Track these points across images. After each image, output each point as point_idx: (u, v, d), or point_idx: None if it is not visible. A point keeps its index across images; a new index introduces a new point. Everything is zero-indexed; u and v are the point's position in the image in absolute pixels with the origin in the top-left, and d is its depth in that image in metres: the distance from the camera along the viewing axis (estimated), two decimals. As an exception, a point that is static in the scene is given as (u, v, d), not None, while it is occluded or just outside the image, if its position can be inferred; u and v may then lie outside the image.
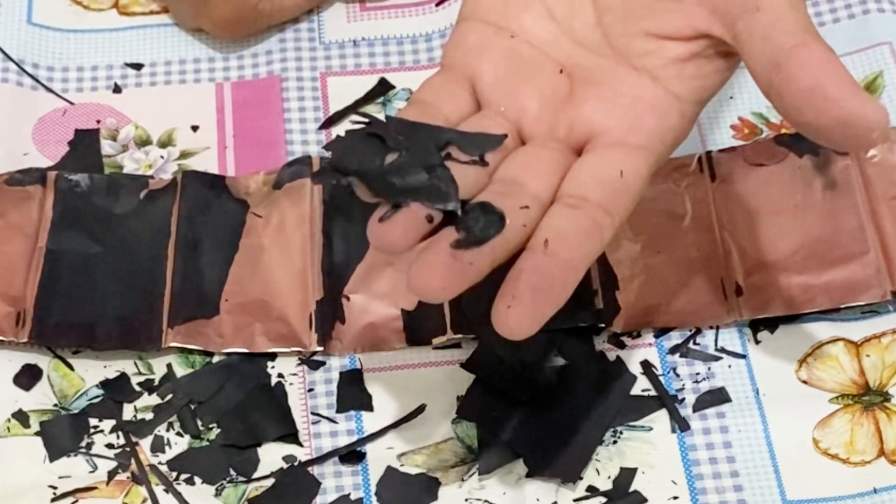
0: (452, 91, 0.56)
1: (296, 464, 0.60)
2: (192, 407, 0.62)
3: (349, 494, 0.59)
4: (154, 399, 0.62)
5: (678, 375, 0.62)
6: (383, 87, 0.72)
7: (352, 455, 0.61)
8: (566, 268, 0.51)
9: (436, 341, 0.63)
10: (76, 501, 0.59)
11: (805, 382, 0.62)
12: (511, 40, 0.57)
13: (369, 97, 0.71)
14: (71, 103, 0.72)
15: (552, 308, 0.51)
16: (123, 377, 0.63)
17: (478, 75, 0.56)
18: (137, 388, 0.63)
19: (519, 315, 0.50)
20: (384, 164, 0.52)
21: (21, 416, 0.62)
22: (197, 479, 0.60)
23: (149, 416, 0.62)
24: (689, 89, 0.55)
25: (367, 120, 0.51)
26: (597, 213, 0.52)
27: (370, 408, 0.62)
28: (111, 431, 0.61)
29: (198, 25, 0.73)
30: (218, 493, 0.60)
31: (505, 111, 0.55)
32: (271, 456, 0.61)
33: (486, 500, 0.59)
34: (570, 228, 0.52)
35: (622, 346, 0.63)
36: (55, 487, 0.59)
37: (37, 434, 0.61)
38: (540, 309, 0.50)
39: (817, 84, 0.50)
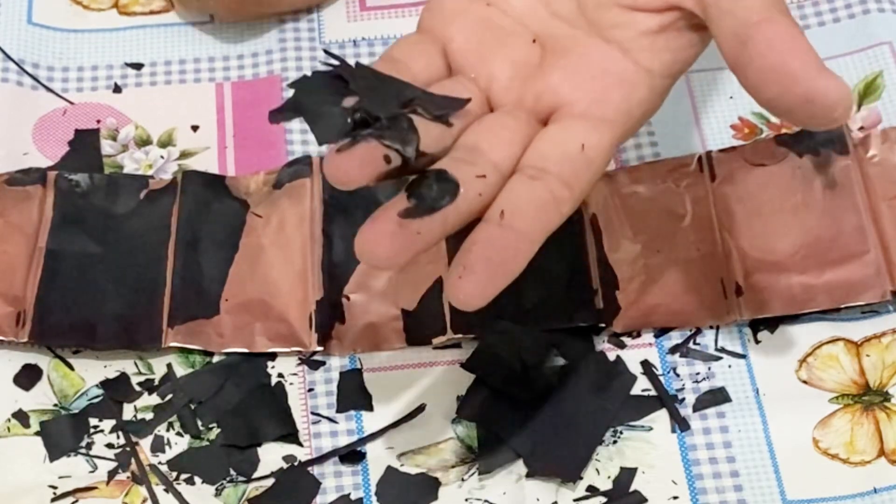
0: (424, 52, 0.56)
1: (296, 464, 0.60)
2: (192, 407, 0.62)
3: (349, 494, 0.59)
4: (154, 399, 0.62)
5: (678, 375, 0.62)
6: (383, 87, 0.72)
7: (352, 455, 0.61)
8: (521, 240, 0.51)
9: (436, 341, 0.63)
10: (76, 501, 0.59)
11: (805, 382, 0.62)
12: (487, 8, 0.57)
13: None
14: (71, 103, 0.72)
15: (504, 280, 0.50)
16: (123, 377, 0.63)
17: (451, 40, 0.56)
18: (137, 388, 0.63)
19: (470, 286, 0.50)
20: (342, 106, 0.51)
21: (21, 416, 0.62)
22: (197, 479, 0.60)
23: (149, 416, 0.62)
24: (659, 63, 0.55)
25: (335, 62, 0.51)
26: (556, 186, 0.52)
27: (370, 408, 0.62)
28: (111, 431, 0.61)
29: (203, 7, 0.73)
30: (218, 493, 0.60)
31: (476, 78, 0.55)
32: (271, 456, 0.61)
33: (486, 500, 0.59)
34: (528, 201, 0.51)
35: (622, 346, 0.63)
36: (55, 487, 0.60)
37: (37, 434, 0.61)
38: (492, 281, 0.50)
39: (781, 61, 0.50)
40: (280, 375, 0.63)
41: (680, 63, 0.55)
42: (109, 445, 0.61)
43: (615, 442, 0.60)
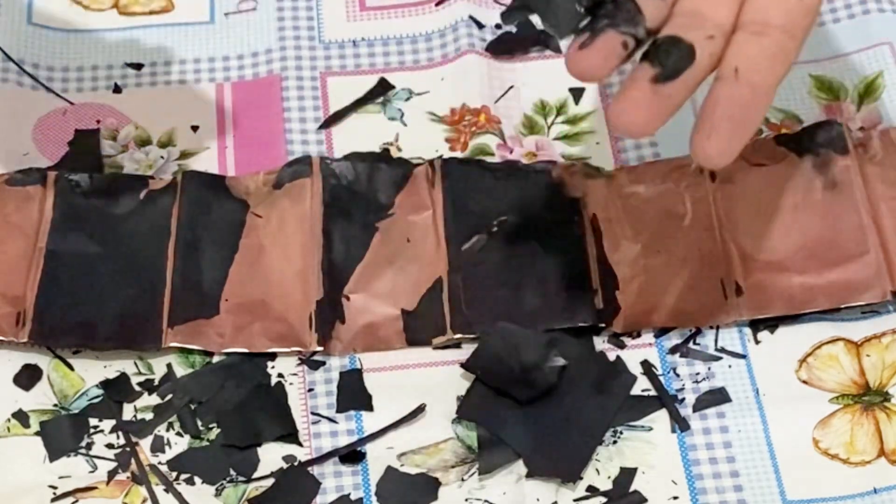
0: None
1: (296, 464, 0.60)
2: (192, 407, 0.62)
3: (349, 494, 0.59)
4: (154, 399, 0.62)
5: (678, 375, 0.62)
6: (383, 87, 0.72)
7: (352, 455, 0.61)
8: (759, 94, 0.54)
9: (436, 341, 0.63)
10: (76, 501, 0.59)
11: (805, 382, 0.62)
12: None
13: (369, 97, 0.71)
14: (71, 103, 0.72)
15: (748, 134, 0.54)
16: (123, 377, 0.63)
17: None
18: (137, 388, 0.63)
19: (719, 144, 0.53)
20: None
21: (21, 416, 0.62)
22: (197, 479, 0.60)
23: (149, 416, 0.62)
24: None
25: None
26: (781, 37, 0.55)
27: (370, 408, 0.62)
28: (111, 431, 0.61)
29: None
30: (218, 493, 0.60)
31: None
32: (271, 456, 0.61)
33: (486, 500, 0.59)
34: (759, 54, 0.54)
35: (622, 346, 0.63)
36: (55, 487, 0.59)
37: (37, 434, 0.61)
38: (737, 136, 0.53)
39: None
40: (280, 375, 0.63)
41: None
42: (109, 445, 0.61)
43: (615, 442, 0.60)
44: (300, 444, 0.61)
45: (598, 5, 0.54)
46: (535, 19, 0.60)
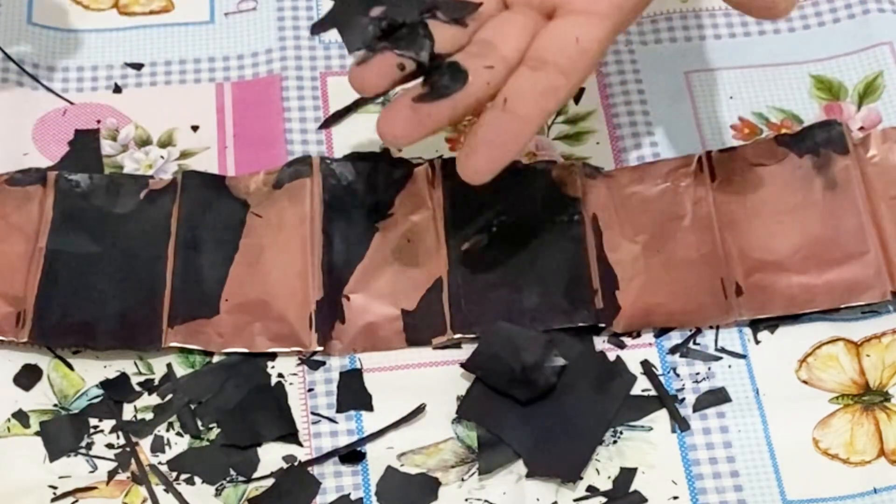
0: None
1: (296, 464, 0.60)
2: (192, 407, 0.62)
3: (349, 494, 0.59)
4: (154, 399, 0.62)
5: (678, 375, 0.62)
6: (383, 87, 0.72)
7: (352, 455, 0.61)
8: (521, 123, 0.58)
9: (436, 341, 0.63)
10: (76, 501, 0.59)
11: (805, 382, 0.62)
12: None
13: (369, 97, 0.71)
14: (71, 103, 0.72)
15: (505, 159, 0.58)
16: (123, 377, 0.63)
17: None
18: (137, 388, 0.63)
19: (476, 163, 0.58)
20: (370, 16, 0.59)
21: (21, 416, 0.62)
22: (197, 479, 0.60)
23: (149, 416, 0.62)
24: None
25: None
26: (553, 75, 0.59)
27: (370, 408, 0.62)
28: (111, 431, 0.61)
29: None
30: (218, 493, 0.60)
31: None
32: (271, 456, 0.61)
33: (486, 500, 0.59)
34: (528, 88, 0.58)
35: (622, 346, 0.63)
36: (55, 487, 0.59)
37: (37, 434, 0.61)
38: (494, 159, 0.58)
39: None
40: (280, 375, 0.63)
41: None
42: (109, 445, 0.61)
43: (615, 442, 0.60)
44: (300, 444, 0.61)
45: (393, 28, 0.59)
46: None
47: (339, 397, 0.62)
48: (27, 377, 0.63)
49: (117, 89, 0.72)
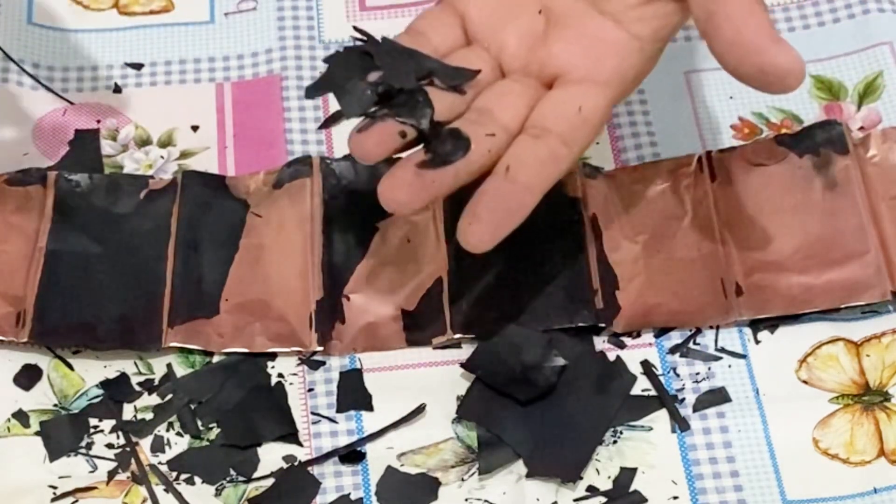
0: (444, 24, 0.62)
1: (296, 464, 0.60)
2: (192, 407, 0.62)
3: (349, 494, 0.59)
4: (154, 399, 0.62)
5: (678, 375, 0.62)
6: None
7: (352, 455, 0.61)
8: (524, 192, 0.57)
9: (436, 341, 0.63)
10: (76, 501, 0.59)
11: (805, 382, 0.62)
12: None
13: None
14: (71, 103, 0.72)
15: (508, 227, 0.57)
16: (123, 377, 0.63)
17: (468, 13, 0.62)
18: (137, 388, 0.63)
19: (479, 231, 0.57)
20: (367, 81, 0.58)
21: (21, 416, 0.62)
22: (197, 479, 0.60)
23: (149, 416, 0.62)
24: (649, 30, 0.60)
25: (363, 37, 0.59)
26: (555, 144, 0.58)
27: (370, 408, 0.62)
28: (111, 431, 0.61)
29: None
30: (218, 493, 0.60)
31: (488, 47, 0.61)
32: (271, 456, 0.61)
33: (486, 500, 0.59)
34: (531, 156, 0.58)
35: (622, 346, 0.63)
36: (55, 487, 0.59)
37: (37, 434, 0.61)
38: (497, 227, 0.57)
39: (737, 33, 0.56)
40: (280, 375, 0.63)
41: (667, 29, 0.60)
42: (109, 445, 0.61)
43: (615, 442, 0.60)
44: (300, 444, 0.61)
45: (391, 93, 0.57)
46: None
47: (339, 397, 0.62)
48: (27, 377, 0.63)
49: (117, 89, 0.72)
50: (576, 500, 0.59)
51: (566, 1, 0.61)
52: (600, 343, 0.63)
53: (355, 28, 0.60)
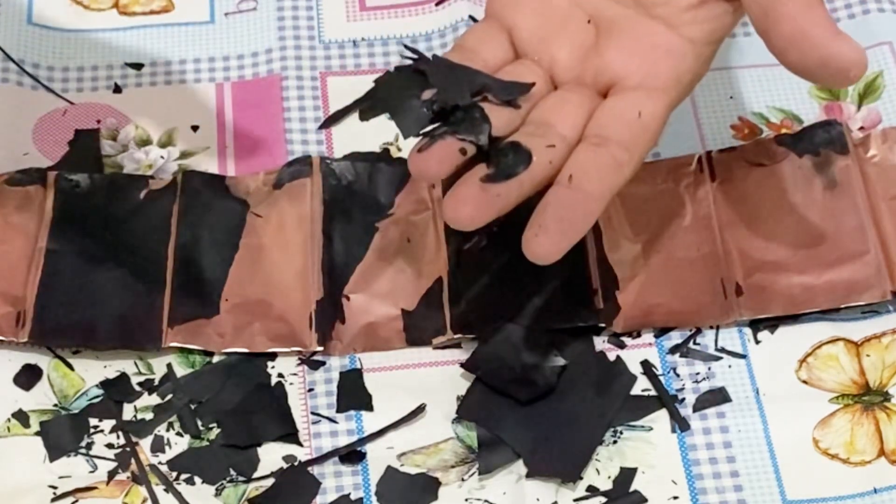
0: (492, 39, 0.61)
1: (296, 464, 0.60)
2: (192, 407, 0.62)
3: (349, 494, 0.59)
4: (154, 399, 0.62)
5: (678, 375, 0.62)
6: (383, 87, 0.72)
7: (352, 455, 0.61)
8: (588, 200, 0.56)
9: (436, 341, 0.63)
10: (76, 501, 0.59)
11: (805, 382, 0.62)
12: None
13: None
14: (71, 103, 0.72)
15: (575, 236, 0.56)
16: (123, 377, 0.63)
17: (515, 27, 0.62)
18: (137, 388, 0.63)
19: (545, 242, 0.56)
20: (421, 99, 0.57)
21: (21, 416, 0.62)
22: (197, 479, 0.60)
23: (149, 416, 0.62)
24: (701, 32, 0.60)
25: (413, 55, 0.60)
26: (617, 151, 0.57)
27: (370, 408, 0.62)
28: (111, 431, 0.61)
29: None
30: (218, 493, 0.60)
31: (539, 60, 0.61)
32: (271, 456, 0.61)
33: (486, 500, 0.59)
34: (593, 164, 0.57)
35: (622, 346, 0.63)
36: (55, 487, 0.59)
37: (37, 434, 0.61)
38: (564, 237, 0.56)
39: (798, 29, 0.56)
40: (280, 375, 0.63)
41: (720, 30, 0.60)
42: (109, 445, 0.61)
43: (615, 442, 0.60)
44: (300, 444, 0.61)
45: (447, 111, 0.57)
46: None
47: (339, 397, 0.62)
48: (27, 377, 0.63)
49: (117, 89, 0.72)
50: (576, 500, 0.59)
51: (616, 8, 0.61)
52: (600, 343, 0.63)
53: (405, 46, 0.60)
